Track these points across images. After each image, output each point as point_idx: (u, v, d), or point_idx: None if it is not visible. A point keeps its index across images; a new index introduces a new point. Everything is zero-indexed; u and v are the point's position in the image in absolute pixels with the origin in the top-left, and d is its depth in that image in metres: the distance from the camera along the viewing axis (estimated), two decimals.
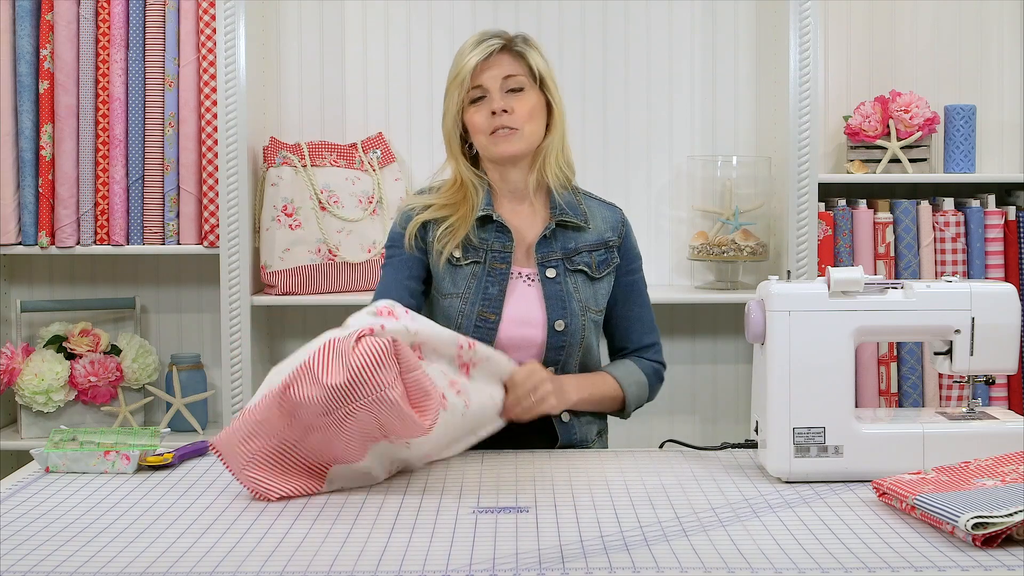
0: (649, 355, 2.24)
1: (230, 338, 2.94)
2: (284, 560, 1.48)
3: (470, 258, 2.12)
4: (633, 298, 2.23)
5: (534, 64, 2.12)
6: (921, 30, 3.18)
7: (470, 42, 2.13)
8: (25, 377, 2.99)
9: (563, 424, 2.13)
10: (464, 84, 2.10)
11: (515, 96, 2.10)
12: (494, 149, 2.11)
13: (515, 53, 2.12)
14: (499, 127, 2.09)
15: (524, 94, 2.11)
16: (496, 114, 2.09)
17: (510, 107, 2.09)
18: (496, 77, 2.10)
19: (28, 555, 1.51)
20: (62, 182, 3.00)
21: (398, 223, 2.19)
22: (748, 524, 1.62)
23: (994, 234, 3.02)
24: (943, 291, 1.86)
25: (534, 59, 2.13)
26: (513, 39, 2.14)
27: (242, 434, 1.74)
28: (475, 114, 2.11)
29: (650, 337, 2.25)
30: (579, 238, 2.16)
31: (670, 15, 3.17)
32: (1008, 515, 1.47)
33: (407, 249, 2.15)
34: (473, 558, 1.48)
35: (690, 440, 2.28)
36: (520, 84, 2.11)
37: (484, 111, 2.10)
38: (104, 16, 2.99)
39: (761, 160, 3.10)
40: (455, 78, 2.12)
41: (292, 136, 3.15)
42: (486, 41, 2.11)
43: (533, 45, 2.15)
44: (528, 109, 2.10)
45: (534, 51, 2.14)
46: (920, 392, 3.02)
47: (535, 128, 2.12)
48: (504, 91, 2.10)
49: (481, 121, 2.11)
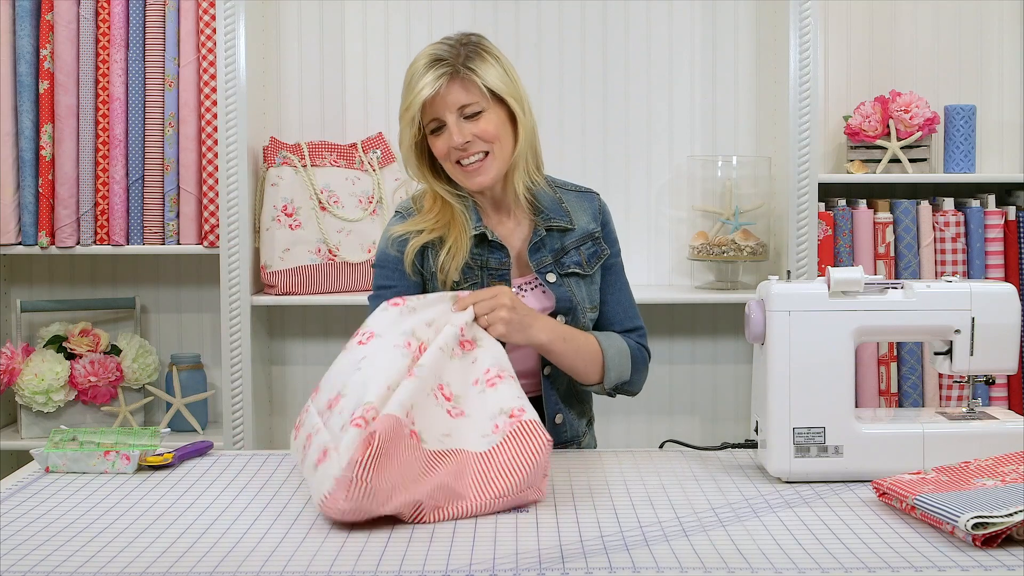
0: (634, 337, 2.17)
1: (230, 338, 2.94)
2: (284, 560, 1.48)
3: (468, 279, 2.08)
4: (612, 282, 2.17)
5: (486, 84, 2.00)
6: (921, 30, 3.18)
7: (418, 67, 2.01)
8: (25, 377, 2.99)
9: (556, 426, 2.12)
10: (415, 120, 2.01)
11: (474, 122, 2.01)
12: (467, 183, 2.06)
13: (462, 77, 2.00)
14: (464, 157, 2.02)
15: (483, 116, 2.01)
16: (458, 148, 2.02)
17: (470, 135, 2.01)
18: (451, 107, 2.00)
19: (28, 555, 1.51)
20: (62, 182, 3.00)
21: (390, 247, 2.09)
22: (748, 524, 1.62)
23: (994, 234, 3.02)
24: (943, 291, 1.86)
25: (486, 79, 2.00)
26: (464, 62, 2.00)
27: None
28: (438, 144, 2.03)
29: (633, 322, 2.18)
30: (565, 237, 2.13)
31: (670, 15, 3.17)
32: (1008, 515, 1.47)
33: (409, 274, 2.08)
34: (473, 558, 1.48)
35: (690, 440, 2.29)
36: (476, 109, 2.01)
37: (445, 142, 2.02)
38: (104, 16, 2.99)
39: (761, 160, 3.10)
40: (406, 111, 2.02)
41: (292, 136, 3.15)
42: (433, 71, 1.99)
43: (483, 58, 2.02)
44: (491, 131, 2.01)
45: (486, 66, 2.01)
46: (920, 392, 3.02)
47: (503, 145, 2.04)
48: (461, 118, 2.01)
49: (444, 151, 2.03)
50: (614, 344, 2.10)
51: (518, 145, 2.07)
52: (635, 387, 2.17)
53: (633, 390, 2.17)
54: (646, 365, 2.19)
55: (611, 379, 2.09)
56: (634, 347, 2.15)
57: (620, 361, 2.10)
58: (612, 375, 2.09)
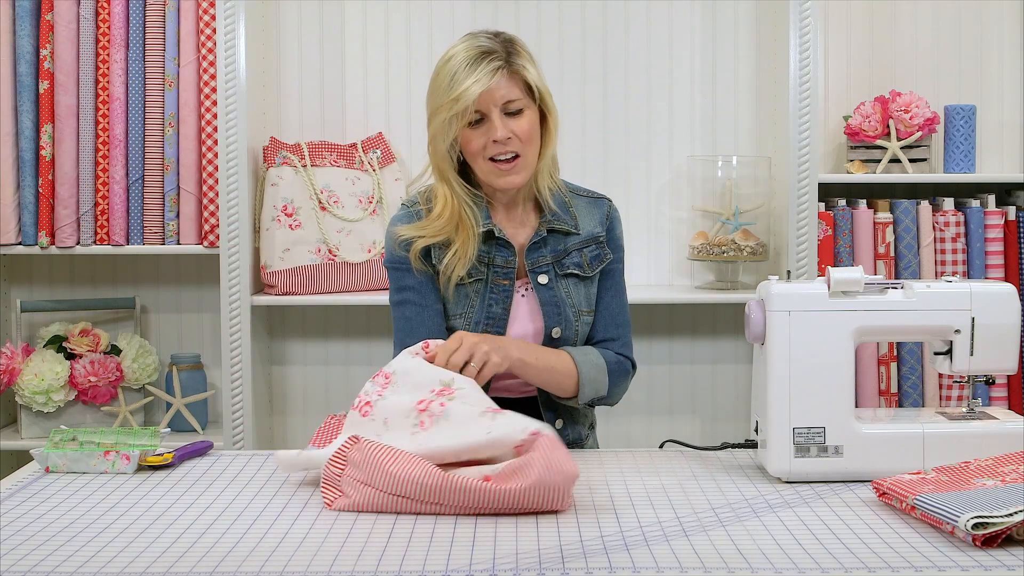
0: (614, 348, 2.14)
1: (230, 338, 2.94)
2: (284, 560, 1.48)
3: (474, 276, 2.07)
4: (607, 287, 2.15)
5: (531, 80, 2.01)
6: (921, 30, 3.18)
7: (462, 59, 1.98)
8: (25, 377, 2.99)
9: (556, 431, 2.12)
10: (467, 112, 1.97)
11: (514, 119, 2.01)
12: (499, 182, 2.03)
13: (511, 71, 2.00)
14: (501, 153, 2.01)
15: (523, 115, 2.01)
16: (499, 142, 2.00)
17: (511, 132, 2.00)
18: (497, 102, 1.99)
19: (28, 555, 1.51)
20: (62, 182, 3.00)
21: (398, 248, 2.08)
22: (748, 524, 1.62)
23: (994, 234, 3.02)
24: (943, 291, 1.86)
25: (531, 75, 2.01)
26: (509, 58, 2.00)
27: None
28: (473, 138, 2.01)
29: (616, 330, 2.15)
30: (568, 240, 2.12)
31: (670, 15, 3.17)
32: (1008, 515, 1.47)
33: (418, 271, 2.07)
34: (473, 558, 1.48)
35: (690, 440, 2.28)
36: (519, 107, 2.00)
37: (483, 136, 2.00)
38: (104, 16, 2.99)
39: (761, 160, 3.10)
40: (453, 103, 1.97)
41: (292, 136, 3.15)
42: (484, 63, 1.97)
43: (525, 55, 2.03)
44: (528, 131, 2.01)
45: (528, 64, 2.02)
46: (920, 392, 3.02)
47: (534, 149, 2.04)
48: (504, 114, 2.00)
49: (480, 146, 2.01)
50: (589, 359, 2.08)
51: (547, 148, 2.06)
52: (613, 399, 2.15)
53: (611, 402, 2.15)
54: (627, 376, 2.16)
55: (586, 394, 2.07)
56: (612, 360, 2.12)
57: (595, 376, 2.07)
58: (587, 390, 2.07)
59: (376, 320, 3.21)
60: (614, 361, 2.12)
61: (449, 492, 1.64)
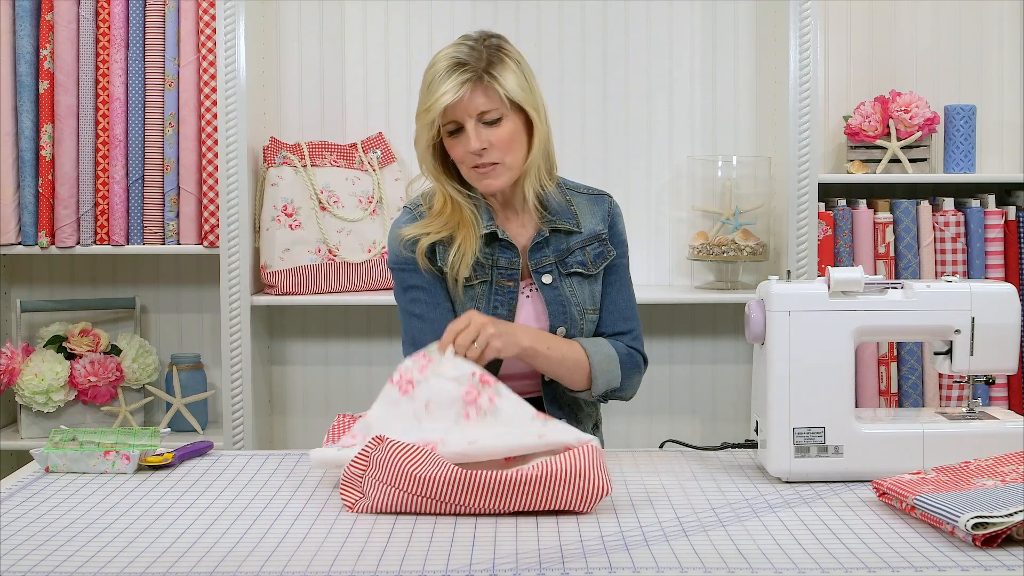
0: (624, 341, 2.14)
1: (230, 338, 2.94)
2: (284, 560, 1.48)
3: (478, 277, 2.07)
4: (612, 282, 2.15)
5: (506, 92, 1.99)
6: (921, 30, 3.18)
7: (441, 67, 1.99)
8: (25, 377, 2.99)
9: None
10: (435, 123, 2.00)
11: (492, 129, 2.00)
12: (479, 186, 2.05)
13: (485, 84, 1.99)
14: (479, 164, 2.02)
15: (501, 124, 2.00)
16: (474, 152, 2.00)
17: (487, 143, 2.00)
18: (471, 113, 1.99)
19: (28, 555, 1.51)
20: (62, 182, 3.00)
21: (403, 248, 2.09)
22: (748, 524, 1.62)
23: (994, 234, 3.02)
24: (943, 291, 1.86)
25: (506, 86, 1.99)
26: (487, 68, 1.99)
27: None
28: (455, 146, 2.03)
29: (626, 324, 2.15)
30: (571, 239, 2.12)
31: (670, 15, 3.17)
32: (1008, 515, 1.47)
33: (425, 270, 2.08)
34: (473, 558, 1.48)
35: (690, 440, 2.29)
36: (495, 116, 2.00)
37: (462, 145, 2.01)
38: (104, 16, 2.99)
39: (761, 160, 3.10)
40: (425, 112, 2.01)
41: (292, 136, 3.15)
42: (456, 75, 1.98)
43: (508, 63, 2.01)
44: (507, 139, 2.00)
45: (507, 73, 2.00)
46: (920, 392, 3.02)
47: (517, 155, 2.03)
48: (480, 123, 2.00)
49: (461, 155, 2.03)
50: (601, 350, 2.08)
51: (532, 153, 2.06)
52: (627, 392, 2.15)
53: (625, 396, 2.15)
54: (639, 369, 2.16)
55: (599, 386, 2.07)
56: (624, 352, 2.12)
57: (608, 367, 2.07)
58: (600, 381, 2.06)
59: (376, 320, 3.21)
60: (625, 353, 2.12)
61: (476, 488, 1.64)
